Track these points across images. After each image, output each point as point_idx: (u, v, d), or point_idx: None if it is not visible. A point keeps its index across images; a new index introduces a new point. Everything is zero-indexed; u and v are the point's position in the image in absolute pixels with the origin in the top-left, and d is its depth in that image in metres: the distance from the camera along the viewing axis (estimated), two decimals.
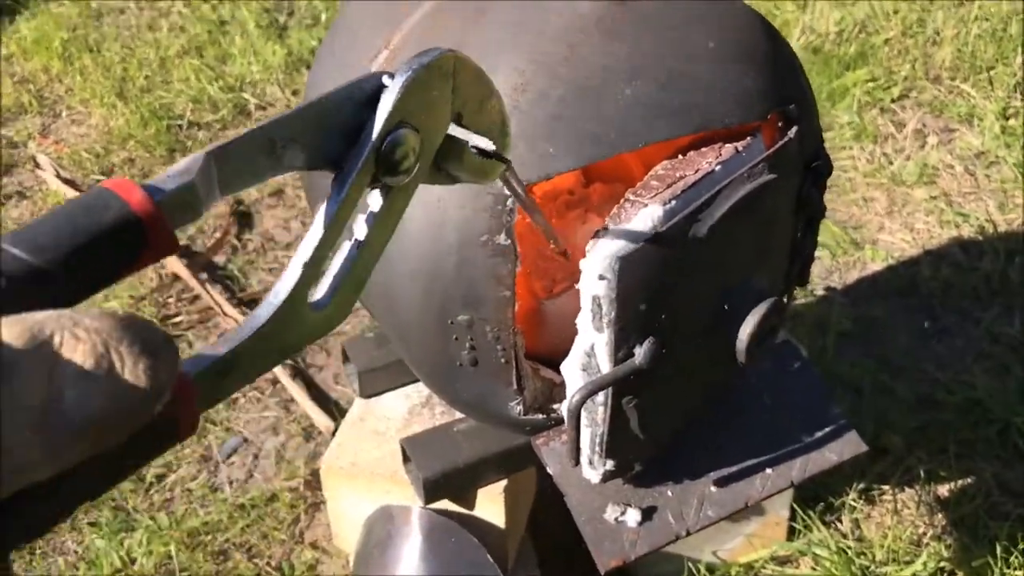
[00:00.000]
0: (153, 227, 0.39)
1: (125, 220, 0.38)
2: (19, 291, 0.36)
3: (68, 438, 0.33)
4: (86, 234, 0.37)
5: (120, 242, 0.38)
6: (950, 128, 2.57)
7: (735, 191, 0.97)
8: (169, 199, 0.40)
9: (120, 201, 0.39)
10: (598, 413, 0.99)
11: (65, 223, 0.37)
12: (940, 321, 2.02)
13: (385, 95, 0.49)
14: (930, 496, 1.67)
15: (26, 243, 0.37)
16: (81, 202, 0.39)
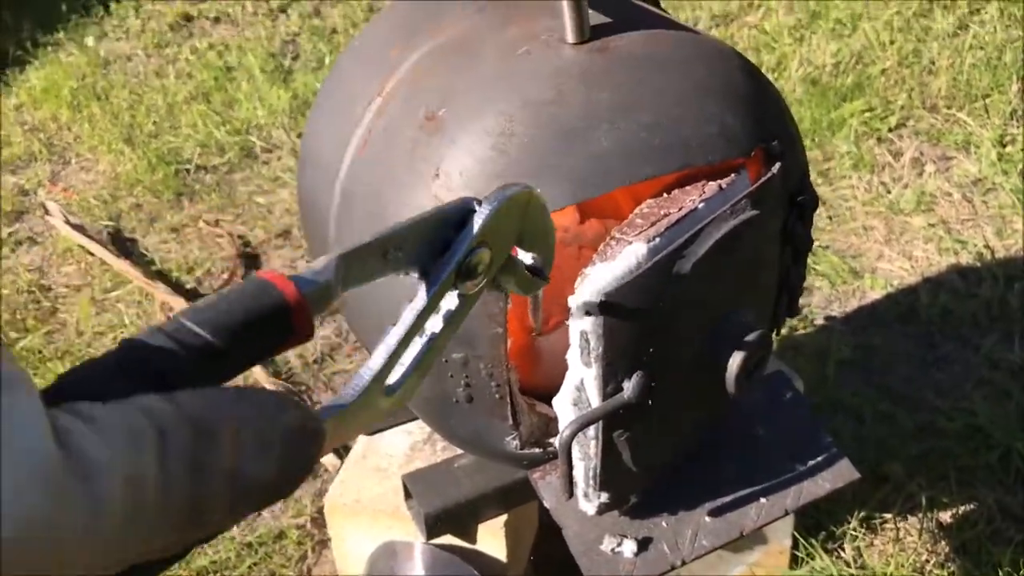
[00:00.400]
0: (300, 316, 0.46)
1: (281, 308, 0.45)
2: (195, 362, 0.42)
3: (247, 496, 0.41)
4: (251, 318, 0.44)
5: (275, 327, 0.46)
6: (947, 156, 2.60)
7: (718, 228, 0.99)
8: (312, 292, 0.47)
9: (278, 291, 0.46)
10: (590, 447, 1.01)
11: (236, 307, 0.44)
12: (940, 348, 2.03)
13: (474, 219, 0.57)
14: (932, 523, 1.68)
15: (207, 323, 0.43)
16: (247, 290, 0.46)
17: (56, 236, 2.50)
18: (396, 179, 1.07)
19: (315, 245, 1.26)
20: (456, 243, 0.57)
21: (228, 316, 0.44)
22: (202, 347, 0.43)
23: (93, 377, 0.41)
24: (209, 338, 0.43)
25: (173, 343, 0.43)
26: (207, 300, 0.45)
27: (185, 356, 0.42)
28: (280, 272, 0.47)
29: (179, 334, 0.43)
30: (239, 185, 2.66)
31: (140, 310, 2.25)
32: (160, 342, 0.42)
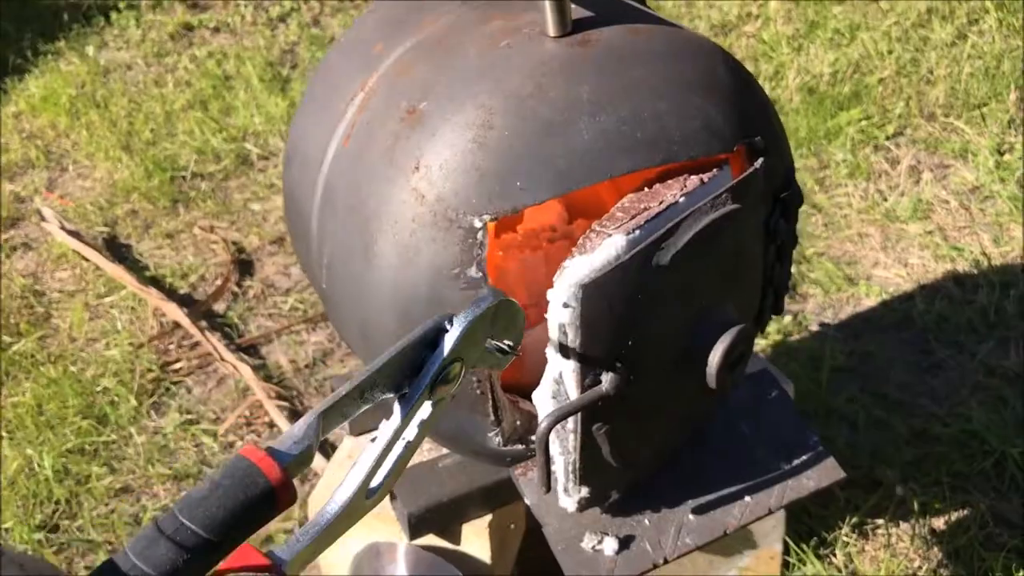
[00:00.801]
0: (283, 492, 0.53)
1: (267, 493, 0.52)
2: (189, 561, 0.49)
3: None
4: (242, 508, 0.51)
5: (263, 509, 0.52)
6: (944, 164, 2.59)
7: (698, 220, 0.99)
8: (293, 463, 0.54)
9: (264, 478, 0.52)
10: (569, 440, 1.00)
11: (228, 501, 0.50)
12: (935, 355, 2.02)
13: (445, 339, 0.64)
14: (924, 529, 1.66)
15: (200, 520, 0.49)
16: (235, 479, 0.51)
17: (51, 242, 2.50)
18: (377, 173, 1.06)
19: (297, 240, 1.26)
20: (429, 363, 0.64)
21: (222, 510, 0.51)
22: (201, 546, 0.50)
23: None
24: (206, 536, 0.50)
25: (174, 546, 0.49)
26: (199, 493, 0.51)
27: (187, 556, 0.49)
28: (261, 450, 0.53)
29: (180, 535, 0.49)
30: (234, 192, 2.66)
31: (133, 315, 2.25)
32: (161, 548, 0.49)
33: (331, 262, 1.15)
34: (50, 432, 1.95)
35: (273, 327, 2.21)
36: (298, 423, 0.56)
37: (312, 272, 1.25)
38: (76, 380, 2.06)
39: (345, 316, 1.16)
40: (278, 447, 0.54)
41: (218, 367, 2.11)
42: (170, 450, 1.93)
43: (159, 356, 2.14)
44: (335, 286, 1.15)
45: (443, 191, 1.01)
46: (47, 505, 1.83)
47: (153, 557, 0.49)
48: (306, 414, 0.57)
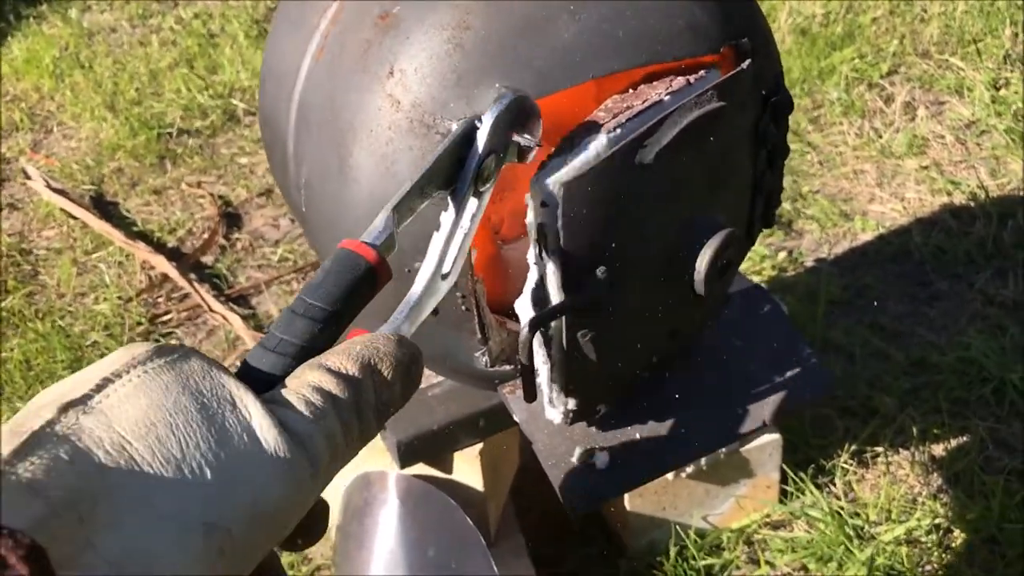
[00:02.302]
0: (382, 270, 0.61)
1: (370, 271, 0.60)
2: (325, 327, 0.57)
3: (388, 414, 0.56)
4: (353, 285, 0.59)
5: (368, 285, 0.60)
6: (940, 101, 2.55)
7: (682, 117, 0.95)
8: (383, 246, 0.63)
9: (362, 259, 0.60)
10: (552, 347, 0.98)
11: (341, 279, 0.59)
12: (933, 286, 1.99)
13: (480, 135, 0.74)
14: (924, 455, 1.64)
15: (322, 297, 0.57)
16: (342, 264, 0.60)
17: (37, 201, 2.47)
18: (350, 82, 1.03)
19: (276, 164, 1.23)
20: (469, 159, 0.73)
21: (338, 288, 0.58)
22: (328, 316, 0.57)
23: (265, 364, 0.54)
24: (330, 308, 0.57)
25: (308, 319, 0.56)
26: (316, 280, 0.59)
27: (320, 326, 0.56)
28: (356, 240, 0.61)
29: (310, 311, 0.57)
30: (221, 147, 2.62)
31: (121, 270, 2.22)
32: (298, 323, 0.56)
33: (308, 181, 1.12)
34: (40, 387, 1.93)
35: (263, 278, 2.18)
36: (378, 218, 0.64)
37: (291, 197, 1.22)
38: (65, 335, 2.04)
39: (324, 237, 1.13)
40: (367, 238, 0.63)
41: (208, 318, 2.09)
42: None
43: (148, 309, 2.11)
44: (313, 206, 1.12)
45: (419, 96, 0.98)
46: None
47: (293, 329, 0.55)
48: (382, 210, 0.65)
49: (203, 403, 0.47)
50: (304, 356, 0.55)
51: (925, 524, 1.52)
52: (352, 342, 0.57)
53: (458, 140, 0.73)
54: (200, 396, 0.47)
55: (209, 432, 0.46)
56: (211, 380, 0.48)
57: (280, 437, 0.48)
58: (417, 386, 0.59)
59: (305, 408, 0.50)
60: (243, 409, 0.48)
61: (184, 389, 0.47)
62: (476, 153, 0.73)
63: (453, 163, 0.72)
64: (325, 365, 0.53)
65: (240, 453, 0.47)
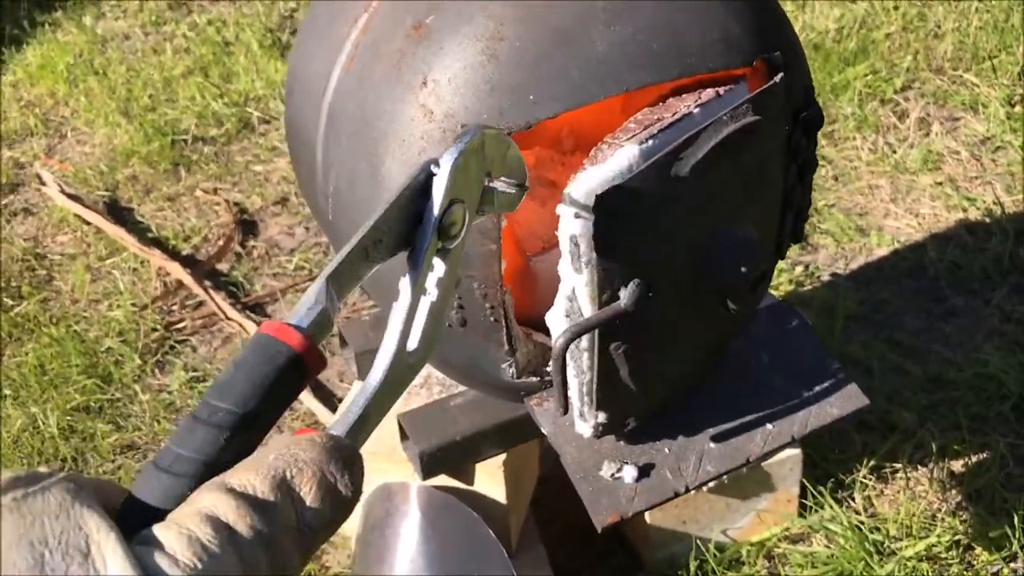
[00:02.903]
0: (311, 357, 0.51)
1: (293, 361, 0.50)
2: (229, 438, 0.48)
3: (314, 540, 0.46)
4: (270, 379, 0.49)
5: (291, 377, 0.50)
6: (954, 117, 2.55)
7: (717, 131, 0.95)
8: (314, 328, 0.52)
9: (284, 345, 0.50)
10: (583, 360, 0.98)
11: (255, 376, 0.49)
12: (949, 301, 1.99)
13: (436, 182, 0.59)
14: (943, 472, 1.64)
15: (231, 397, 0.48)
16: (258, 354, 0.50)
17: (52, 207, 2.47)
18: (383, 92, 1.03)
19: (303, 172, 1.23)
20: (427, 211, 0.59)
21: (251, 384, 0.49)
22: (237, 422, 0.48)
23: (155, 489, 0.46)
24: (241, 412, 0.48)
25: (211, 427, 0.48)
26: (225, 376, 0.50)
27: (227, 434, 0.47)
28: (278, 322, 0.52)
29: (215, 417, 0.48)
30: (236, 155, 2.62)
31: (136, 277, 2.22)
32: (199, 433, 0.48)
33: (337, 190, 1.12)
34: (54, 391, 1.93)
35: (278, 286, 2.18)
36: (307, 291, 0.53)
37: (317, 205, 1.21)
38: (79, 340, 2.04)
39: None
40: (292, 318, 0.52)
41: (223, 326, 2.08)
42: (176, 407, 1.91)
43: (163, 316, 2.11)
44: (341, 215, 1.12)
45: (452, 106, 0.98)
46: (53, 463, 1.81)
47: (192, 442, 0.47)
48: (315, 280, 0.54)
49: (43, 556, 0.39)
50: (208, 476, 0.46)
51: (945, 540, 1.51)
52: (265, 450, 0.47)
53: (411, 191, 0.59)
54: (42, 546, 0.39)
55: None
56: (65, 522, 0.40)
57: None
58: (356, 500, 0.49)
59: (187, 550, 0.41)
60: (96, 559, 0.40)
61: (21, 539, 0.39)
62: (436, 202, 0.59)
63: (407, 219, 0.59)
64: (227, 484, 0.44)
65: None
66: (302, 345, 0.51)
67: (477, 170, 0.63)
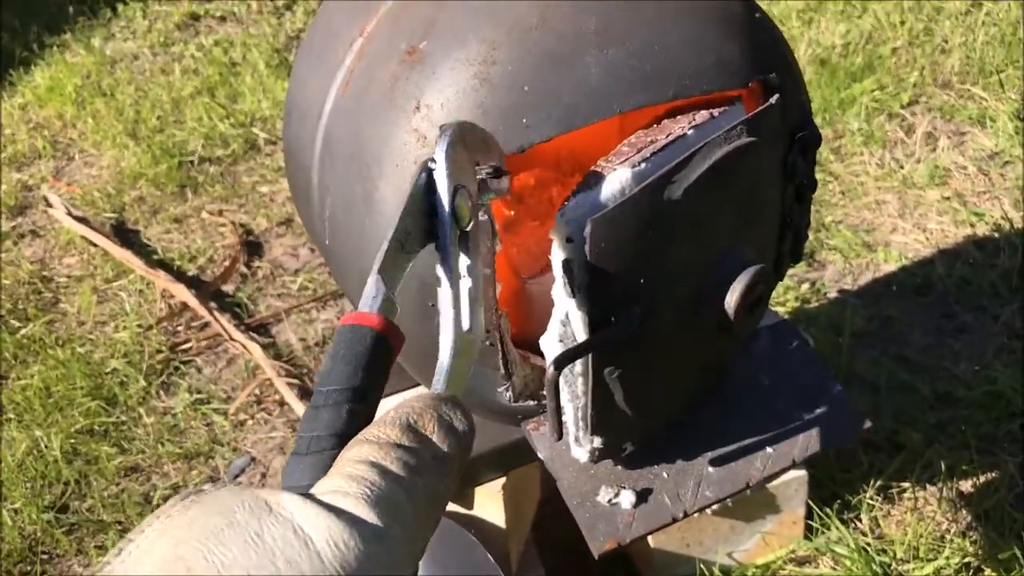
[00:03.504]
0: (390, 333, 0.58)
1: (377, 338, 0.57)
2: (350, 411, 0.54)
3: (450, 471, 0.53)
4: (364, 357, 0.56)
5: (380, 353, 0.57)
6: (961, 131, 2.54)
7: (711, 153, 0.95)
8: (383, 309, 0.59)
9: (366, 328, 0.57)
10: (578, 385, 0.97)
11: (349, 355, 0.56)
12: (958, 318, 1.97)
13: (437, 175, 0.67)
14: (952, 492, 1.62)
15: (337, 379, 0.54)
16: (347, 340, 0.57)
17: (58, 229, 2.48)
18: (377, 116, 1.03)
19: (299, 196, 1.23)
20: (438, 203, 0.67)
21: (350, 365, 0.55)
22: (351, 396, 0.54)
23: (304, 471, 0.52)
24: (349, 386, 0.54)
25: (332, 407, 0.53)
26: (325, 366, 0.56)
27: (346, 408, 0.54)
28: (354, 313, 0.58)
29: (331, 398, 0.54)
30: (243, 176, 2.63)
31: (141, 298, 2.23)
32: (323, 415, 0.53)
33: (333, 214, 1.12)
34: (58, 414, 1.93)
35: (282, 306, 2.18)
36: (367, 285, 0.61)
37: (315, 229, 1.21)
38: (84, 362, 2.04)
39: (347, 269, 1.13)
40: (364, 307, 0.59)
41: (227, 347, 2.08)
42: (180, 429, 1.91)
43: (168, 337, 2.11)
44: (337, 239, 1.12)
45: None
46: (56, 486, 1.80)
47: (320, 423, 0.53)
48: (369, 276, 0.61)
49: (234, 520, 0.43)
50: (343, 446, 0.52)
51: (954, 563, 1.49)
52: (386, 411, 0.54)
53: (421, 189, 0.67)
54: (231, 515, 0.44)
55: (249, 544, 0.42)
56: (241, 498, 0.45)
57: (333, 524, 0.44)
58: (472, 435, 0.56)
59: (353, 485, 0.47)
60: (280, 511, 0.44)
61: (211, 515, 0.44)
62: (443, 192, 0.67)
63: (425, 213, 0.67)
64: (363, 438, 0.51)
65: (291, 556, 0.42)
66: (381, 325, 0.57)
67: (466, 160, 0.71)
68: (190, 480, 1.80)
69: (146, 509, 1.76)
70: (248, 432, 1.89)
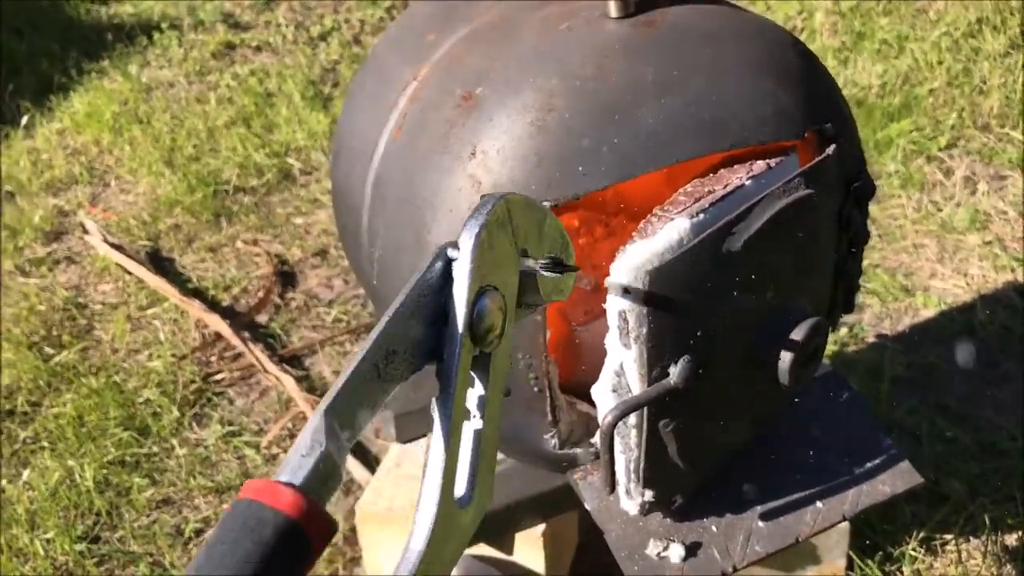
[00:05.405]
0: (309, 521, 0.38)
1: (284, 528, 0.37)
2: None
3: None
4: (258, 561, 0.37)
5: (290, 551, 0.37)
6: (1001, 175, 2.51)
7: (771, 205, 0.94)
8: (309, 480, 0.39)
9: (271, 511, 0.38)
10: (631, 437, 0.95)
11: (234, 558, 0.36)
12: (999, 367, 1.94)
13: (457, 268, 0.46)
14: (996, 545, 1.59)
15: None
16: (234, 527, 0.37)
17: (94, 255, 2.49)
18: (431, 162, 1.03)
19: (348, 236, 1.22)
20: (452, 307, 0.46)
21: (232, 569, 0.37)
22: None
23: None
24: None
25: None
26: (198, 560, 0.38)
27: None
28: (262, 480, 0.39)
29: None
30: (277, 206, 2.64)
31: (175, 327, 2.23)
32: None
33: (383, 256, 1.11)
34: (91, 443, 1.92)
35: (316, 338, 2.17)
36: (302, 433, 0.41)
37: (362, 269, 1.21)
38: (118, 391, 2.04)
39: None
40: (282, 472, 0.41)
41: (261, 378, 2.08)
42: (212, 462, 1.90)
43: (201, 367, 2.11)
44: (386, 280, 1.12)
45: (500, 177, 0.97)
46: (88, 516, 1.80)
47: None
48: (311, 418, 0.41)
49: None
50: None
51: None
52: None
53: (429, 287, 0.46)
54: None
55: None
56: None
57: None
58: None
59: None
60: None
61: None
62: (462, 291, 0.46)
63: (426, 321, 0.46)
64: None
65: None
66: (294, 506, 0.39)
67: (508, 248, 0.50)
68: (221, 513, 1.79)
69: (176, 542, 1.75)
70: (280, 466, 1.87)
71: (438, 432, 0.46)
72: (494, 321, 0.47)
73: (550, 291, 0.53)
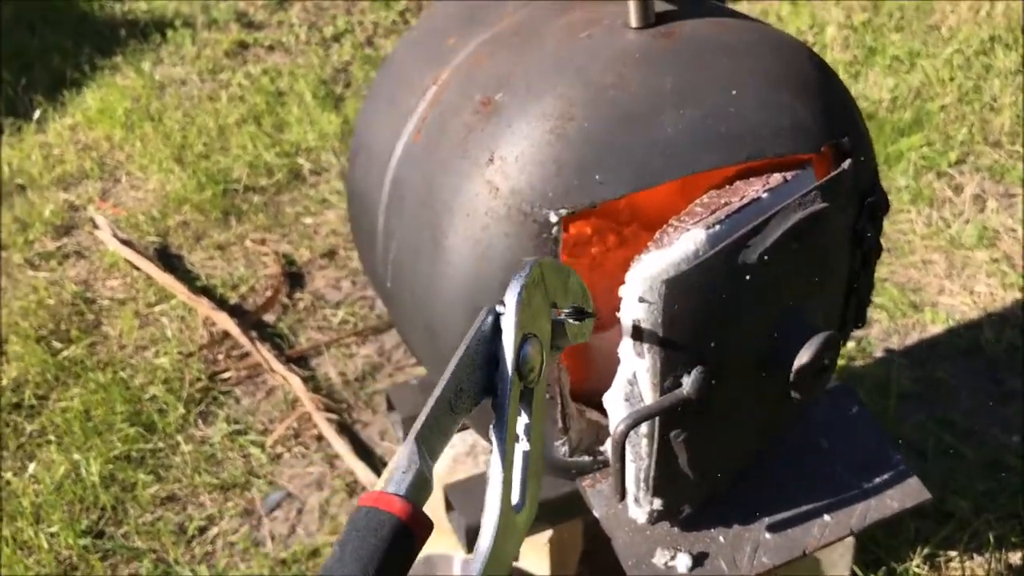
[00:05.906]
0: (415, 522, 0.50)
1: (397, 528, 0.49)
2: None
3: None
4: (380, 554, 0.48)
5: (401, 546, 0.49)
6: (1011, 193, 2.51)
7: (786, 218, 0.94)
8: (413, 492, 0.51)
9: (386, 514, 0.49)
10: (642, 446, 0.95)
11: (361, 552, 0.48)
12: (1006, 384, 1.94)
13: (504, 321, 0.59)
14: (1000, 563, 1.59)
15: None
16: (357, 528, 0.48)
17: (103, 251, 2.50)
18: (449, 166, 1.03)
19: (362, 238, 1.23)
20: (501, 353, 0.59)
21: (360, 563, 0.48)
22: None
23: None
24: None
25: None
26: (332, 559, 0.48)
27: None
28: (376, 492, 0.50)
29: None
30: (286, 206, 2.64)
31: (183, 324, 2.23)
32: None
33: (397, 258, 1.12)
34: (97, 438, 1.93)
35: (323, 339, 2.18)
36: (397, 454, 0.54)
37: (376, 271, 1.21)
38: (125, 387, 2.04)
39: (410, 314, 1.13)
40: (388, 485, 0.52)
41: (267, 378, 2.08)
42: (217, 459, 1.90)
43: (208, 365, 2.12)
44: (401, 283, 1.12)
45: (518, 183, 0.98)
46: (93, 511, 1.80)
47: None
48: (403, 443, 0.54)
49: None
50: None
51: None
52: None
53: (485, 337, 0.59)
54: None
55: None
56: None
57: None
58: None
59: None
60: None
61: None
62: (509, 339, 0.59)
63: (483, 364, 0.59)
64: None
65: None
66: (403, 511, 0.50)
67: (542, 303, 0.63)
68: (225, 511, 1.80)
69: (180, 538, 1.75)
70: (285, 466, 1.88)
71: (496, 453, 0.58)
72: (535, 363, 0.60)
73: (575, 334, 0.67)
